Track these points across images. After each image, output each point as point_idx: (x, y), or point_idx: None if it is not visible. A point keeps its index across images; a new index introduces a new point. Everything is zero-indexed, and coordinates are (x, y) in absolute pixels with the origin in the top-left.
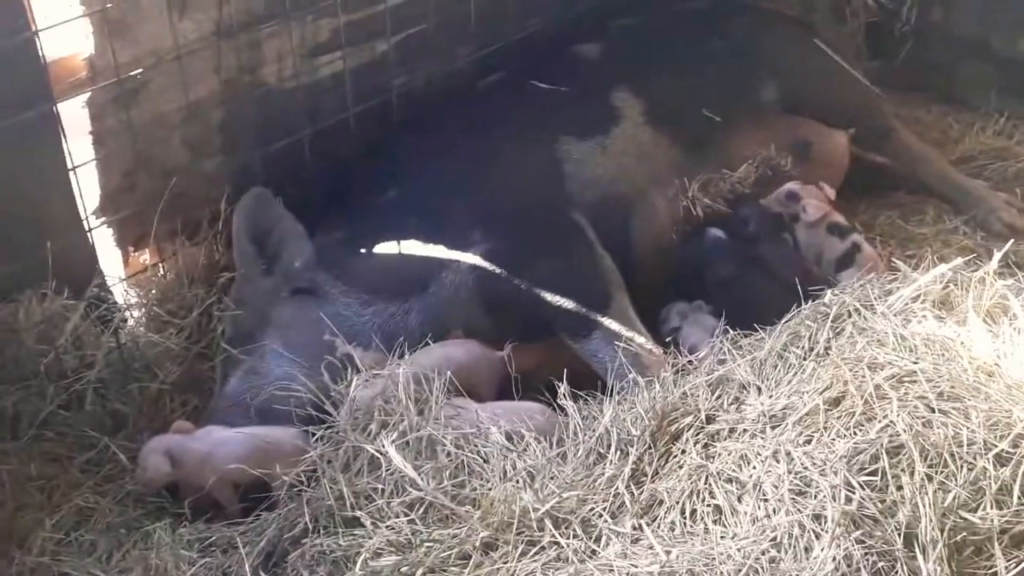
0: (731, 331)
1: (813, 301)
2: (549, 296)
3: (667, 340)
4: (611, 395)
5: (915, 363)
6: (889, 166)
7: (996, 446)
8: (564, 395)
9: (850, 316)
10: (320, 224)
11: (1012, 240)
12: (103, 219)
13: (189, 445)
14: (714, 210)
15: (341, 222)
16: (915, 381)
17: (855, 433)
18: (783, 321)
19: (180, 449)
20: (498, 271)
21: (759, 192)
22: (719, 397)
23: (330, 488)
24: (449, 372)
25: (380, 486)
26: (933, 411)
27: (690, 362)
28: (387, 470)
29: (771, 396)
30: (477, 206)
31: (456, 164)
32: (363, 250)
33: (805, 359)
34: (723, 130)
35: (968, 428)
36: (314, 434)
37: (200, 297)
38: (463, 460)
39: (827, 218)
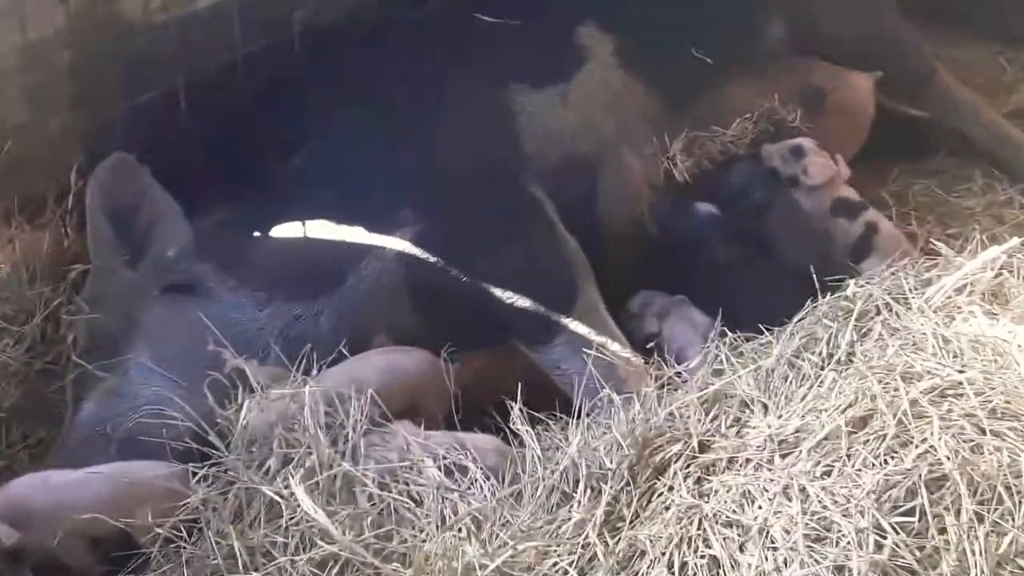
0: (728, 332)
1: (832, 294)
2: (498, 290)
3: (646, 345)
4: (578, 417)
5: (961, 372)
6: (926, 120)
7: None
8: (518, 418)
9: (879, 313)
10: (202, 200)
11: None
12: None
13: (32, 495)
14: (700, 174)
15: (229, 198)
16: (961, 395)
17: (886, 462)
18: (795, 320)
19: (19, 503)
20: (433, 259)
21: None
22: (715, 418)
23: (216, 543)
24: (387, 388)
25: (282, 539)
26: (984, 432)
27: (678, 374)
28: (291, 518)
29: (780, 416)
30: (405, 176)
31: (378, 122)
32: (258, 234)
33: (823, 368)
34: (715, 75)
35: None
36: (195, 473)
37: (44, 297)
38: (389, 503)
39: (833, 187)
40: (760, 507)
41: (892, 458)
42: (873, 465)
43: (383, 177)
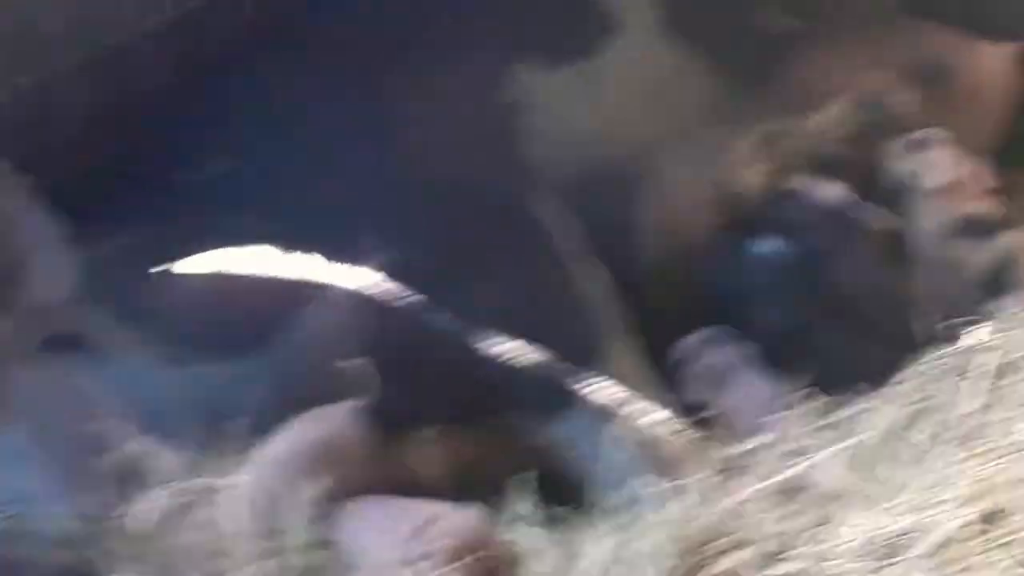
0: (809, 398)
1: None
2: (493, 344)
3: (699, 414)
4: (606, 514)
5: None
6: None
7: None
8: (525, 514)
9: (1013, 372)
10: (96, 224)
11: None
12: None
13: None
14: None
15: (133, 221)
16: None
17: None
18: (898, 380)
19: None
20: (404, 302)
21: (863, 156)
22: (793, 516)
23: None
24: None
25: None
26: None
27: (744, 454)
28: None
29: (887, 509)
30: (367, 190)
31: (330, 117)
32: (169, 270)
33: (936, 448)
34: (798, 45)
35: None
36: None
37: None
38: None
39: (960, 196)
40: None
41: None
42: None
43: (337, 192)
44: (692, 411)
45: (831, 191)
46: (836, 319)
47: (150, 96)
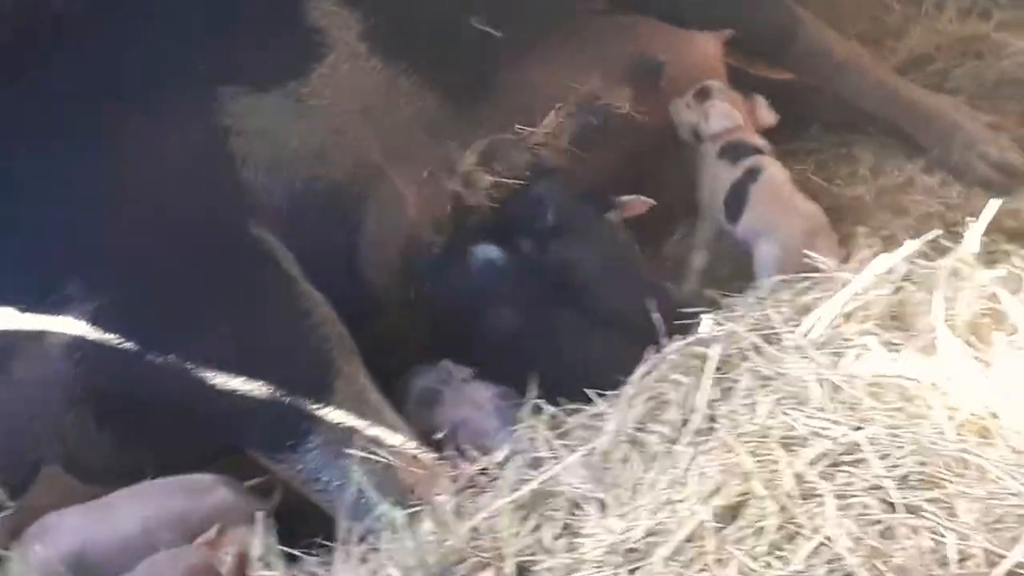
0: (543, 407)
1: (679, 337)
2: (220, 381)
3: (437, 434)
4: (345, 547)
5: (858, 429)
6: (795, 85)
7: (1004, 556)
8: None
9: (744, 358)
10: None
11: (1004, 193)
12: None
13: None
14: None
15: None
16: (861, 461)
17: (769, 564)
18: (633, 378)
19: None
20: (120, 347)
21: (580, 161)
22: (537, 528)
23: None
24: None
25: None
26: (893, 508)
27: (483, 471)
28: None
29: (625, 515)
30: (72, 232)
31: (29, 152)
32: None
33: (675, 442)
34: (510, 54)
35: (956, 533)
36: None
37: None
38: None
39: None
40: None
41: (778, 558)
42: (753, 570)
43: (39, 234)
44: (428, 433)
45: (554, 196)
46: (569, 321)
47: None
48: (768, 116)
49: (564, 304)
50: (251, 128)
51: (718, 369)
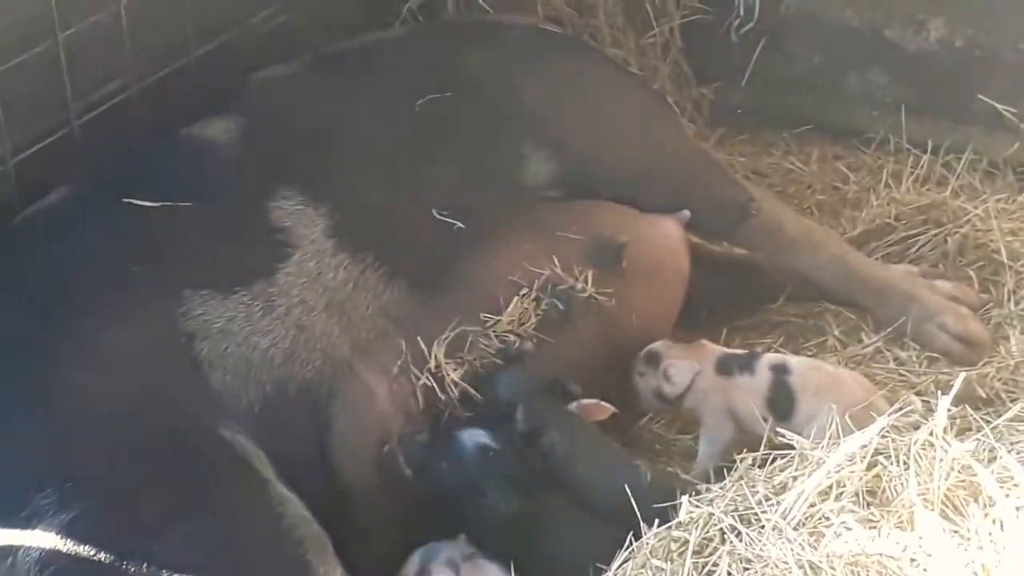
0: None
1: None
2: None
3: None
4: None
5: None
6: (753, 261)
7: None
8: None
9: (723, 541)
10: None
11: (968, 365)
12: None
13: None
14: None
15: None
16: None
17: None
18: (615, 565)
19: None
20: (95, 561)
21: (547, 347)
22: None
23: None
24: None
25: None
26: None
27: None
28: None
29: None
30: (41, 445)
31: None
32: None
33: None
34: (472, 243)
35: None
36: None
37: None
38: None
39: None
40: None
41: None
42: None
43: (5, 448)
44: None
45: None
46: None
47: None
48: (705, 352)
49: (550, 488)
50: (217, 330)
51: (697, 553)
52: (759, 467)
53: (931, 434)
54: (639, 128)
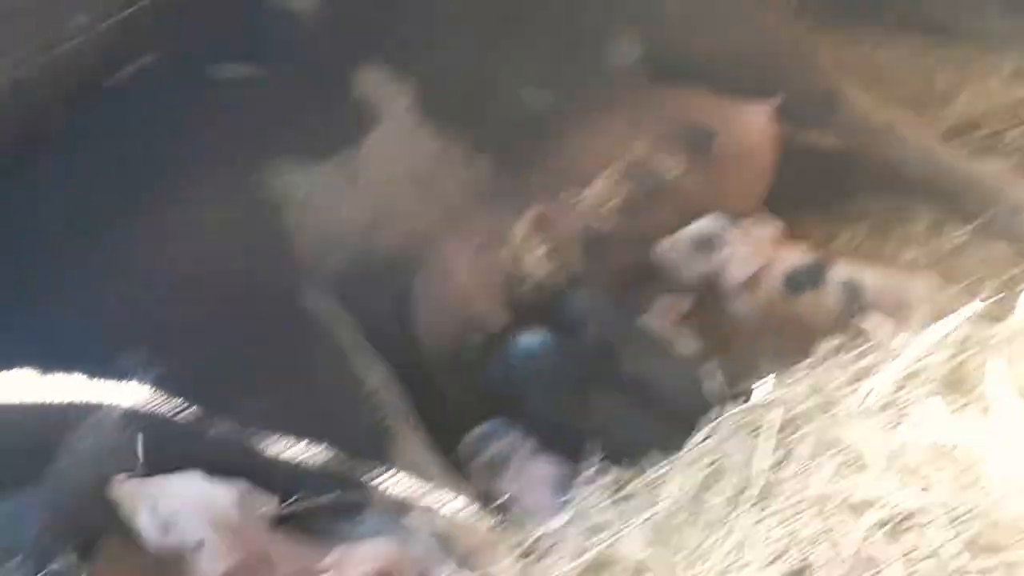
0: (602, 472)
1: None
2: (275, 450)
3: (493, 503)
4: None
5: (921, 493)
6: (839, 150)
7: None
8: None
9: (803, 424)
10: None
11: None
12: None
13: None
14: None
15: None
16: (925, 525)
17: None
18: (694, 443)
19: None
20: (181, 416)
21: (635, 226)
22: None
23: None
24: None
25: None
26: (959, 574)
27: (544, 538)
28: None
29: None
30: (132, 304)
31: (84, 225)
32: None
33: (736, 507)
34: (559, 121)
35: None
36: None
37: None
38: None
39: (774, 271)
40: None
41: None
42: None
43: (96, 308)
44: (486, 501)
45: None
46: (621, 396)
47: None
48: (771, 229)
49: (613, 382)
50: (303, 200)
51: (777, 434)
52: (841, 354)
53: (1015, 325)
54: (729, 13)
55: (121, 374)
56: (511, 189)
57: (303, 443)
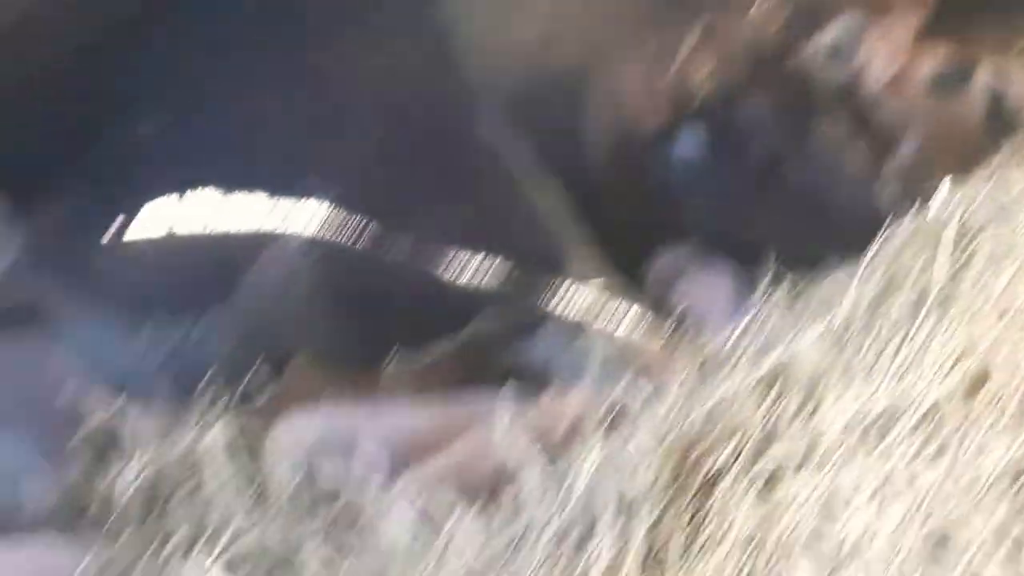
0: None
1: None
2: (453, 268)
3: (667, 313)
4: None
5: None
6: None
7: None
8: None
9: (981, 231)
10: (36, 188)
11: None
12: None
13: None
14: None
15: (74, 183)
16: None
17: (1013, 440)
18: (873, 249)
19: None
20: (358, 232)
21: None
22: (776, 402)
23: None
24: None
25: None
26: None
27: (721, 347)
28: None
29: (864, 390)
30: (305, 129)
31: (262, 58)
32: (115, 233)
33: (915, 314)
34: None
35: None
36: None
37: None
38: None
39: (915, 72)
40: (852, 515)
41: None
42: (995, 446)
43: (275, 134)
44: (662, 313)
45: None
46: (791, 207)
47: (74, 60)
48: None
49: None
50: (471, 18)
51: (956, 241)
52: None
53: None
54: None
55: (304, 193)
56: (679, 6)
57: (478, 261)
